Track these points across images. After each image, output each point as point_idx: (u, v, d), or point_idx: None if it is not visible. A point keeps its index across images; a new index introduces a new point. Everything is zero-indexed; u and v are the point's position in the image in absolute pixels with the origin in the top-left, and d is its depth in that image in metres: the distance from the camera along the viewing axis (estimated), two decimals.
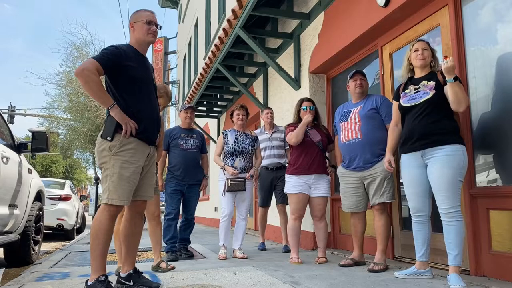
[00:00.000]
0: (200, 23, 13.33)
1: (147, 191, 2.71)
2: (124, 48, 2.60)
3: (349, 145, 3.44)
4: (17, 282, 3.00)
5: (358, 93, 3.52)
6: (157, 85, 3.44)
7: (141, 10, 2.74)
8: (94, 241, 2.45)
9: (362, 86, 3.52)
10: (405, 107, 2.85)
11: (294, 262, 3.69)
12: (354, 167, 3.42)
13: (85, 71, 2.38)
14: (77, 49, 13.97)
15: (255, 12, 4.83)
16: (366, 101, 3.47)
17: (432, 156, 2.69)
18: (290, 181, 3.86)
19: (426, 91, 2.76)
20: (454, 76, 2.57)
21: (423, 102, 2.74)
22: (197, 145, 4.47)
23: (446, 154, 2.62)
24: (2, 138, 4.07)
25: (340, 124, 3.56)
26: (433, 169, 2.66)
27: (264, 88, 6.68)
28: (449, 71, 2.55)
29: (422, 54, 2.83)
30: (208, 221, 11.29)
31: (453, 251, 2.58)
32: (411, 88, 2.86)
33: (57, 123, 15.25)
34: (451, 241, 2.58)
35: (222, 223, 4.22)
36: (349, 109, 3.55)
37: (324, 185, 3.83)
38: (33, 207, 4.57)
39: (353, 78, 3.55)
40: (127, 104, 2.55)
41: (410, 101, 2.82)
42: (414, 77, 2.93)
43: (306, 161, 3.81)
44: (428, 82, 2.79)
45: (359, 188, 3.44)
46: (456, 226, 2.57)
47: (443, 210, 2.61)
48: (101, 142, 2.53)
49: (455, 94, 2.59)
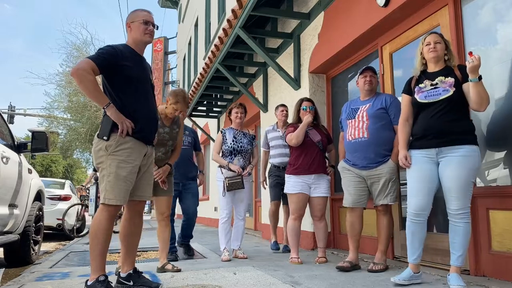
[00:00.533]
0: (200, 23, 13.33)
1: (146, 191, 2.71)
2: (121, 48, 2.60)
3: (355, 144, 3.33)
4: (17, 282, 3.00)
5: (367, 90, 3.40)
6: (174, 90, 3.42)
7: (138, 10, 2.74)
8: (93, 240, 2.45)
9: (371, 83, 3.38)
10: (421, 103, 2.69)
11: (294, 262, 3.69)
12: (359, 166, 3.33)
13: (80, 71, 2.38)
14: (77, 49, 13.99)
15: (255, 12, 4.83)
16: (375, 100, 3.36)
17: (447, 155, 2.59)
18: (290, 181, 3.85)
19: (446, 88, 2.61)
20: (479, 75, 2.43)
21: (443, 100, 2.60)
22: (189, 142, 4.37)
23: (463, 155, 2.53)
24: (2, 138, 4.07)
25: (348, 122, 3.44)
26: (447, 168, 2.57)
27: (264, 88, 6.68)
28: (474, 70, 2.40)
29: (435, 47, 2.68)
30: (208, 221, 11.29)
31: (457, 252, 2.53)
32: (426, 83, 2.70)
33: (57, 123, 15.27)
34: (457, 242, 2.54)
35: (222, 225, 4.18)
36: (357, 106, 3.43)
37: (324, 185, 3.83)
38: (33, 207, 4.57)
39: (363, 74, 3.41)
40: (123, 104, 2.54)
41: (428, 97, 2.66)
42: (428, 71, 2.77)
43: (306, 161, 3.80)
44: (446, 78, 2.64)
45: (362, 183, 3.34)
46: (464, 227, 2.52)
47: (452, 211, 2.55)
48: (97, 142, 2.53)
49: (478, 94, 2.47)
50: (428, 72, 2.77)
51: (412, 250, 2.71)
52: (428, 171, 2.65)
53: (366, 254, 4.11)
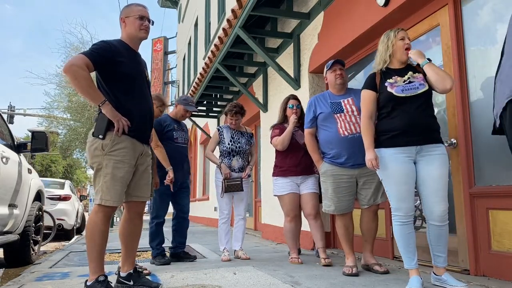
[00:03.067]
0: (200, 23, 13.32)
1: (145, 192, 2.68)
2: (115, 43, 2.54)
3: (352, 139, 3.08)
4: (17, 282, 3.00)
5: (339, 84, 3.22)
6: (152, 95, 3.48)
7: (132, 4, 2.66)
8: (90, 243, 2.41)
9: (342, 76, 3.21)
10: (399, 97, 2.51)
11: (294, 262, 3.67)
12: (352, 164, 3.09)
13: (73, 67, 2.31)
14: (76, 49, 13.99)
15: (255, 12, 4.83)
16: (354, 93, 3.22)
17: (428, 154, 2.49)
18: (278, 183, 3.76)
19: (421, 82, 2.53)
20: (427, 57, 2.51)
21: (422, 94, 2.51)
22: (187, 139, 4.19)
23: (442, 153, 2.49)
24: (2, 138, 4.06)
25: (336, 116, 3.16)
26: (430, 168, 2.47)
27: (264, 88, 6.68)
28: (420, 55, 2.47)
29: (409, 44, 2.62)
30: (208, 221, 11.28)
31: (443, 254, 2.51)
32: (397, 79, 2.56)
33: (57, 123, 15.27)
34: (442, 244, 2.49)
35: (221, 225, 4.15)
36: (337, 100, 3.22)
37: (312, 181, 3.74)
38: (33, 207, 4.57)
39: (332, 69, 3.25)
40: (119, 101, 2.49)
41: (406, 91, 2.51)
42: (391, 67, 2.66)
43: (292, 162, 3.71)
44: (415, 74, 2.57)
45: (352, 186, 3.13)
46: (446, 229, 2.50)
47: (438, 213, 2.45)
48: (92, 141, 2.47)
49: (435, 73, 2.45)
50: (391, 68, 2.65)
51: (410, 254, 2.51)
52: (411, 171, 2.49)
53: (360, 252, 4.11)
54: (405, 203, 2.50)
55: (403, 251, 2.53)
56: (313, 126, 3.33)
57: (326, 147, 3.21)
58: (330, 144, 3.17)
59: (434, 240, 2.51)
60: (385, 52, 2.65)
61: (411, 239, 2.51)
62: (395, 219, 2.55)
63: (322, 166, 3.24)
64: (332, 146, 3.16)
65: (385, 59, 2.65)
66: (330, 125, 3.18)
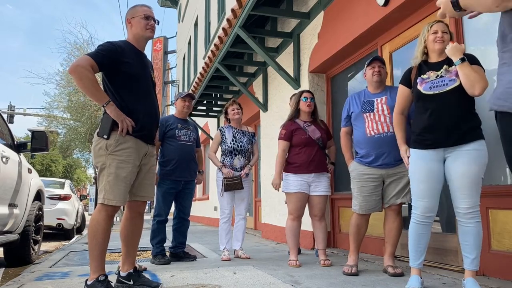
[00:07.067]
0: (200, 23, 13.32)
1: (148, 192, 2.69)
2: (121, 45, 2.56)
3: (378, 139, 3.03)
4: (17, 282, 3.00)
5: (376, 82, 3.16)
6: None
7: (137, 5, 2.69)
8: (92, 241, 2.43)
9: (380, 74, 3.16)
10: (426, 94, 2.45)
11: (292, 265, 3.55)
12: (380, 163, 3.04)
13: (78, 68, 2.34)
14: (77, 48, 13.97)
15: (255, 11, 4.82)
16: (390, 92, 3.12)
17: (455, 150, 2.39)
18: (289, 180, 3.68)
19: (452, 78, 2.41)
20: (461, 57, 2.32)
21: (451, 90, 2.39)
22: (194, 138, 4.13)
23: (474, 149, 2.34)
24: (2, 137, 4.06)
25: (365, 115, 3.12)
26: (457, 164, 2.37)
27: (263, 87, 6.68)
28: (454, 53, 2.31)
29: (442, 37, 2.48)
30: (208, 221, 11.29)
31: (471, 255, 2.35)
32: (430, 75, 2.49)
33: (57, 123, 15.25)
34: (468, 243, 2.35)
35: (222, 224, 4.14)
36: (370, 99, 3.17)
37: (324, 183, 3.66)
38: (33, 207, 4.57)
39: (370, 65, 3.19)
40: (124, 102, 2.51)
41: (434, 88, 2.43)
42: (429, 61, 2.57)
43: (305, 159, 3.64)
44: (450, 67, 2.44)
45: (379, 186, 3.08)
46: (475, 227, 2.34)
47: (461, 210, 2.36)
48: (97, 141, 2.50)
49: (466, 76, 2.30)
50: (429, 62, 2.56)
51: (416, 254, 2.51)
52: (437, 171, 2.45)
53: (366, 254, 4.11)
54: (422, 202, 2.48)
55: (411, 248, 2.54)
56: (348, 125, 3.30)
57: (357, 147, 3.21)
58: (360, 143, 3.16)
59: (461, 238, 2.40)
60: (417, 47, 2.61)
61: (422, 240, 2.50)
62: (412, 216, 2.55)
63: (351, 165, 3.24)
64: (362, 146, 3.14)
65: (416, 55, 2.62)
66: (359, 125, 3.17)
